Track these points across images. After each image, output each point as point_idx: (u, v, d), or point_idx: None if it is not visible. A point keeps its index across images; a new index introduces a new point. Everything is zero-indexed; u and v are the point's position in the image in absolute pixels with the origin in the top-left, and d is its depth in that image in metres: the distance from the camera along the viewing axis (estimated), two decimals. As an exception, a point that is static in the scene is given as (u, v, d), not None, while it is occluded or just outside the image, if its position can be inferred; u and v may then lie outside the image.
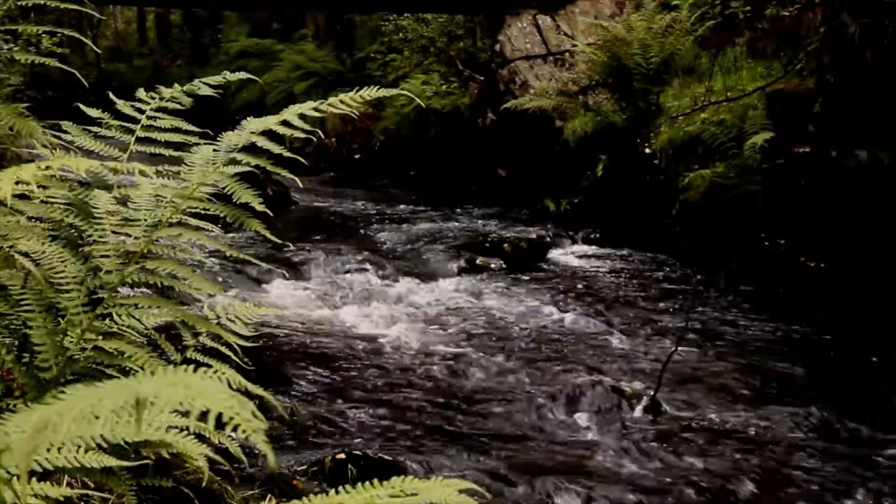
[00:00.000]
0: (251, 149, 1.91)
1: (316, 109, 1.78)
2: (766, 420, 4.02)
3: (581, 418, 4.08)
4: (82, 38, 3.03)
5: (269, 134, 1.88)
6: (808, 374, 4.66)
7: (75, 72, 2.91)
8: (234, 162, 1.89)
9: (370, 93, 1.80)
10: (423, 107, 10.10)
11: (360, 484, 1.26)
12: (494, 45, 10.35)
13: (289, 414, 3.82)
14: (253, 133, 1.84)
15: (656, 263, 7.18)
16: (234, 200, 1.87)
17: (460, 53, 11.57)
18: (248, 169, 1.92)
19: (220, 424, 0.99)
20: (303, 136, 1.81)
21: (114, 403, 1.02)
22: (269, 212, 1.84)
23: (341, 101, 1.76)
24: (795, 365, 4.77)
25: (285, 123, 1.80)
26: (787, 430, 3.92)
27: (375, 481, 1.26)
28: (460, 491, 1.24)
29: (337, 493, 1.25)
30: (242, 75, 2.29)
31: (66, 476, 1.78)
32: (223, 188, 1.89)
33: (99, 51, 16.60)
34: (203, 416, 0.99)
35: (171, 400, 1.00)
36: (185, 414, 1.03)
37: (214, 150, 1.93)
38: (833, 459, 3.64)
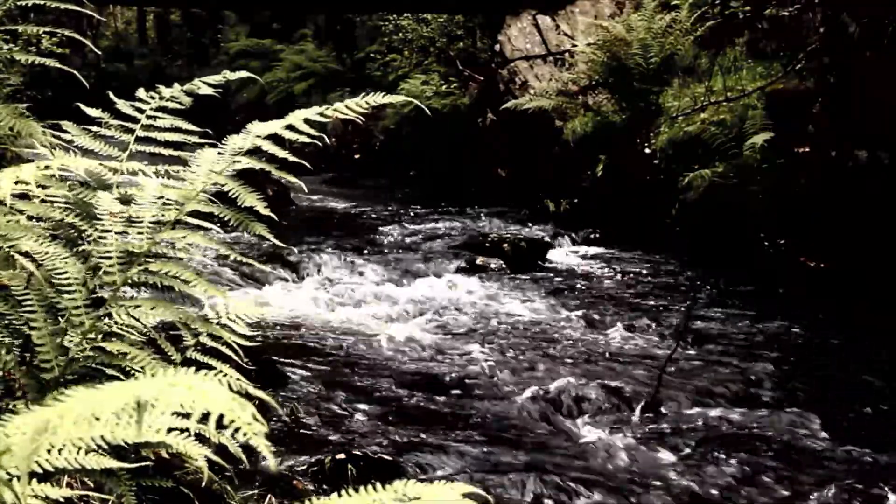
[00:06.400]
0: (255, 151, 1.92)
1: (321, 114, 1.78)
2: (766, 420, 4.02)
3: (581, 418, 4.08)
4: (82, 39, 3.02)
5: (272, 137, 1.88)
6: (809, 373, 4.65)
7: (75, 72, 2.90)
8: (238, 165, 1.89)
9: (376, 99, 1.80)
10: (424, 108, 10.10)
11: (362, 487, 1.26)
12: (494, 45, 10.36)
13: (288, 414, 3.82)
14: (258, 137, 1.84)
15: (656, 263, 7.18)
16: (239, 203, 1.86)
17: (460, 53, 11.58)
18: (247, 167, 1.92)
19: (220, 426, 0.98)
20: (309, 140, 1.81)
21: (115, 406, 1.02)
22: (273, 216, 1.84)
23: (346, 107, 1.76)
24: (796, 366, 4.77)
25: (290, 128, 1.80)
26: (788, 430, 3.92)
27: (378, 485, 1.25)
28: (464, 495, 1.23)
29: (339, 495, 1.25)
30: (243, 74, 2.29)
31: (66, 477, 1.78)
32: (228, 191, 1.89)
33: (99, 51, 16.59)
34: (204, 417, 0.98)
35: (172, 402, 1.00)
36: (187, 416, 1.03)
37: (219, 153, 1.93)
38: (834, 460, 3.64)
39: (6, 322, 1.86)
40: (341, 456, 3.30)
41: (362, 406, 4.11)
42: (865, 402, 4.25)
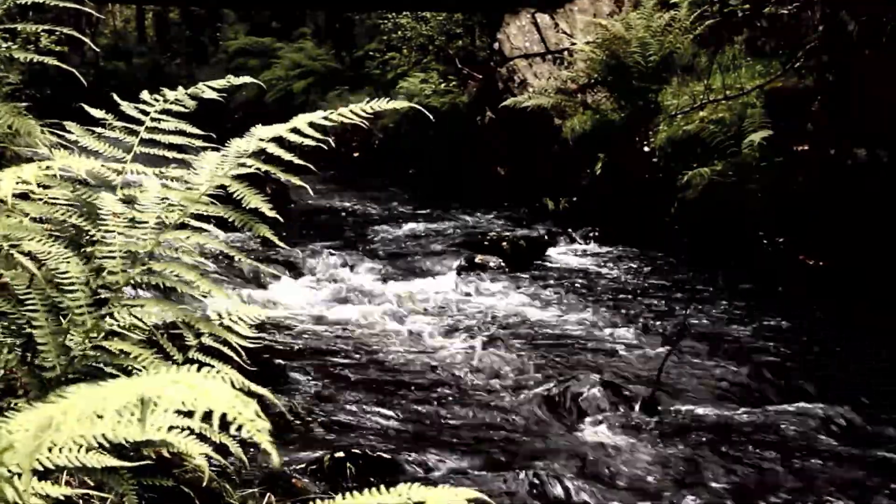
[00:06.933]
0: (259, 154, 1.93)
1: (326, 118, 1.79)
2: (764, 419, 4.03)
3: (580, 417, 4.08)
4: (81, 37, 3.02)
5: (276, 140, 1.89)
6: (808, 373, 4.66)
7: (74, 70, 2.90)
8: (243, 167, 1.90)
9: (380, 104, 1.81)
10: (425, 112, 10.12)
11: (366, 490, 1.26)
12: (493, 44, 10.36)
13: (288, 413, 3.82)
14: (262, 140, 1.85)
15: (655, 262, 7.18)
16: (244, 205, 1.87)
17: (459, 52, 11.58)
18: (249, 171, 1.93)
19: (223, 424, 0.99)
20: (314, 143, 1.82)
21: (117, 403, 1.02)
22: (279, 217, 1.85)
23: (352, 111, 1.77)
24: (795, 364, 4.77)
25: (295, 131, 1.81)
26: (787, 429, 3.92)
27: (382, 487, 1.25)
28: (469, 500, 1.23)
29: (343, 497, 1.25)
30: (247, 79, 2.30)
31: (65, 475, 1.79)
32: (231, 192, 1.90)
33: (97, 49, 16.58)
34: (207, 416, 0.99)
35: (175, 400, 1.00)
36: (189, 414, 1.04)
37: (223, 156, 1.94)
38: (834, 459, 3.65)
39: (8, 321, 1.87)
40: (340, 454, 3.30)
41: (362, 405, 4.12)
42: (865, 402, 4.25)
